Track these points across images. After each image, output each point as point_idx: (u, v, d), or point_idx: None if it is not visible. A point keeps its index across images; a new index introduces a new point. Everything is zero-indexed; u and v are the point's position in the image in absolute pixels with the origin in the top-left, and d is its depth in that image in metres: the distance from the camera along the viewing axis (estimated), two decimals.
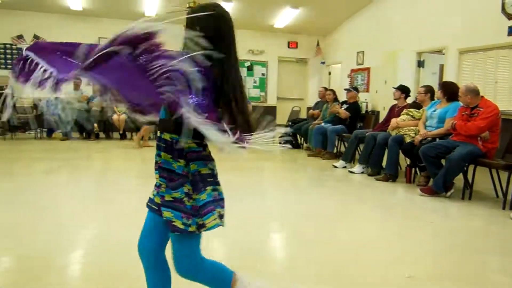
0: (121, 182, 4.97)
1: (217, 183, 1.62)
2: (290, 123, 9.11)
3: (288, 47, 11.75)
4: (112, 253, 2.66)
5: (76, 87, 8.85)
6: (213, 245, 2.96)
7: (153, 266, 1.66)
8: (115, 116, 8.91)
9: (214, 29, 1.50)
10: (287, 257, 2.83)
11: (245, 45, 11.30)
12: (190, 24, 1.54)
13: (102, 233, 3.10)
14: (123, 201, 4.04)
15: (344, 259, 2.72)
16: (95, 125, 8.63)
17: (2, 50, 9.81)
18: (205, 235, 1.58)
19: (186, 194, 1.51)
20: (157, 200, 1.57)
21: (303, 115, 10.31)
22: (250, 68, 11.51)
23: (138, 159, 6.76)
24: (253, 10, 9.98)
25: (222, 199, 1.62)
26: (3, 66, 9.84)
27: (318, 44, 11.45)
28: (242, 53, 11.36)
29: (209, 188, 1.57)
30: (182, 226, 1.49)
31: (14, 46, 9.88)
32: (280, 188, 5.11)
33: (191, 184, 1.52)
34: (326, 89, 8.60)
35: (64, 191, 4.51)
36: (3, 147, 7.38)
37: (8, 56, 9.86)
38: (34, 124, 8.91)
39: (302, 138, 8.54)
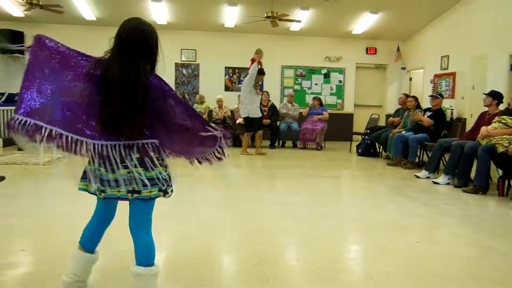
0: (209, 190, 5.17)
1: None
2: (368, 131, 8.87)
3: (366, 53, 11.47)
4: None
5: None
6: (299, 253, 2.97)
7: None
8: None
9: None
10: (368, 268, 2.74)
11: (322, 52, 11.24)
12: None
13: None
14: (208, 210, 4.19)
15: (428, 276, 2.57)
16: None
17: None
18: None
19: None
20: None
21: (382, 122, 9.98)
22: (327, 75, 11.40)
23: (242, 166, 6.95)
24: (331, 17, 9.90)
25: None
26: None
27: (398, 49, 11.04)
28: (318, 60, 11.42)
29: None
30: None
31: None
32: (358, 197, 4.98)
33: None
34: (407, 95, 8.26)
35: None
36: None
37: None
38: None
39: (381, 147, 8.26)
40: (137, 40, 1.87)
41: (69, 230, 3.27)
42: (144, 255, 1.95)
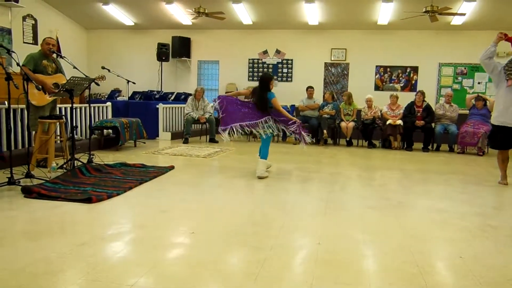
0: (347, 189, 5.10)
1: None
2: None
3: None
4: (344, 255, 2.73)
5: (310, 95, 9.53)
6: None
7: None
8: (343, 124, 9.20)
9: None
10: None
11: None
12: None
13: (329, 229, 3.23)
14: (350, 206, 4.13)
15: None
16: (325, 131, 9.07)
17: (250, 64, 11.39)
18: None
19: None
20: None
21: None
22: None
23: (369, 169, 6.78)
24: (503, 8, 8.81)
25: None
26: (250, 78, 11.42)
27: None
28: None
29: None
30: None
31: (259, 60, 11.33)
32: None
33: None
34: None
35: (302, 191, 4.91)
36: (250, 149, 8.52)
37: (255, 69, 11.37)
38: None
39: None
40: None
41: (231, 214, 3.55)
42: (262, 154, 5.39)
